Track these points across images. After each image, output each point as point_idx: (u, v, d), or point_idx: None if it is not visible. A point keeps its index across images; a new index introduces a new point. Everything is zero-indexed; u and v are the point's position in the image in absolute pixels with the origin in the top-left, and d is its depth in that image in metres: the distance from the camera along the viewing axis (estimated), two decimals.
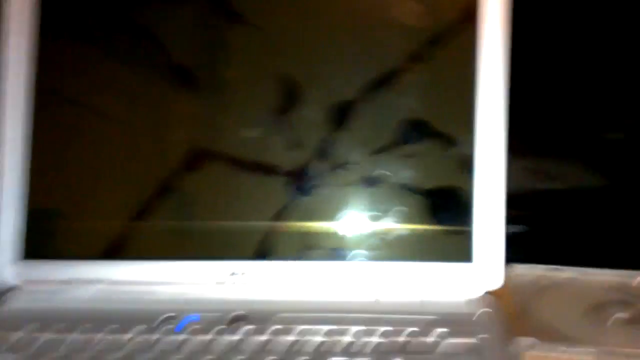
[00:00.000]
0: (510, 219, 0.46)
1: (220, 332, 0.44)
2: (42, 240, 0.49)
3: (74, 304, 0.48)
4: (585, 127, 0.52)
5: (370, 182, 0.48)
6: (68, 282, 0.49)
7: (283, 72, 0.49)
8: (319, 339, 0.44)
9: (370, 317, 0.45)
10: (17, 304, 0.48)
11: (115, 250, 0.49)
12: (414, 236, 0.47)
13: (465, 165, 0.47)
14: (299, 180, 0.48)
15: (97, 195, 0.49)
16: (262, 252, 0.48)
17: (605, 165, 0.51)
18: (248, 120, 0.49)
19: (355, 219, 0.48)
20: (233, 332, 0.44)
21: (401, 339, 0.43)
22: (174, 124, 0.50)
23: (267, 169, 0.49)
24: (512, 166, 0.46)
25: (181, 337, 0.44)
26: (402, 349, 0.42)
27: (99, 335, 0.44)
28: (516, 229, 0.47)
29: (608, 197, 0.51)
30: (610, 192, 0.51)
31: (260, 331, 0.44)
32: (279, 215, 0.48)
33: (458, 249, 0.47)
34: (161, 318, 0.46)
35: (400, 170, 0.48)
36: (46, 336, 0.45)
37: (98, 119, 0.49)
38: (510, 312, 0.45)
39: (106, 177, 0.49)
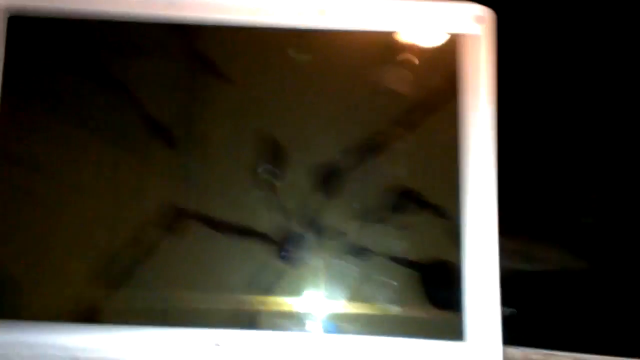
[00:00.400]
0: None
1: None
2: (8, 302, 0.46)
3: None
4: (563, 210, 0.52)
5: (357, 253, 0.46)
6: (35, 346, 0.45)
7: (266, 133, 0.47)
8: None
9: None
10: None
11: (88, 316, 0.46)
12: (405, 311, 0.46)
13: (456, 238, 0.46)
14: (282, 248, 0.47)
15: (69, 258, 0.47)
16: (245, 322, 0.46)
17: (583, 249, 0.51)
18: (229, 181, 0.47)
19: (342, 291, 0.46)
20: None
21: None
22: (150, 183, 0.47)
23: (249, 234, 0.47)
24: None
25: None
26: None
27: None
28: (504, 311, 0.45)
29: (588, 280, 0.50)
30: (590, 275, 0.50)
31: None
32: (262, 284, 0.46)
33: (451, 326, 0.45)
34: None
35: (388, 242, 0.47)
36: None
37: (72, 177, 0.47)
38: None
39: (79, 238, 0.47)
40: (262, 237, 0.47)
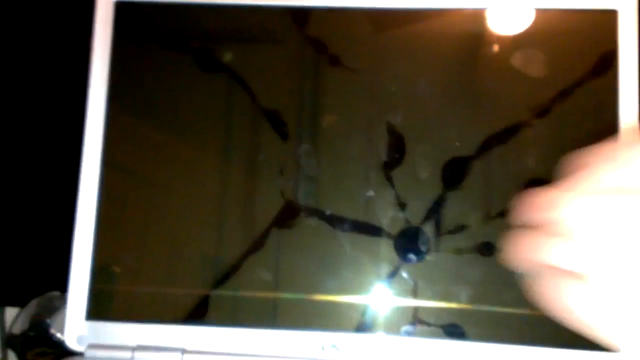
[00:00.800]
0: None
1: None
2: (114, 302, 0.45)
3: None
4: None
5: (487, 250, 0.42)
6: (139, 348, 0.43)
7: (387, 123, 0.44)
8: None
9: None
10: None
11: (196, 315, 0.44)
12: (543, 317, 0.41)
13: None
14: (405, 245, 0.43)
15: (179, 255, 0.44)
16: (363, 324, 0.42)
17: None
18: (347, 174, 0.44)
19: (470, 293, 0.42)
20: None
21: None
22: (264, 176, 0.45)
23: (368, 230, 0.43)
24: None
25: None
26: None
27: None
28: None
29: None
30: None
31: None
32: (382, 283, 0.43)
33: None
34: None
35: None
36: None
37: (182, 171, 0.45)
38: None
39: (190, 233, 0.45)
40: (379, 231, 0.43)
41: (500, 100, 0.44)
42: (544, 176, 0.43)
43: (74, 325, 0.44)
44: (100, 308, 0.44)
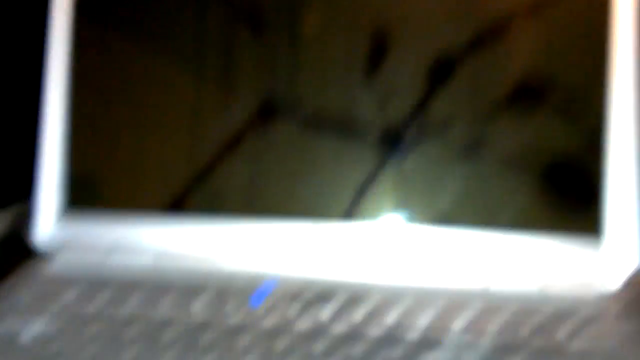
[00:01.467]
0: None
1: (304, 308, 0.37)
2: (92, 191, 0.43)
3: (125, 267, 0.42)
4: None
5: (475, 148, 0.41)
6: (114, 249, 0.42)
7: (371, 18, 0.42)
8: (423, 322, 0.36)
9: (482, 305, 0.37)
10: (60, 264, 0.42)
11: (178, 204, 0.42)
12: (528, 208, 0.40)
13: (593, 134, 0.40)
14: (389, 143, 0.41)
15: (157, 147, 0.43)
16: (344, 214, 0.41)
17: None
18: (330, 72, 0.42)
19: (456, 188, 0.41)
20: (319, 308, 0.37)
21: (521, 334, 0.35)
22: (243, 74, 0.43)
23: (352, 128, 0.42)
24: None
25: (256, 312, 0.37)
26: (522, 346, 0.34)
27: (156, 308, 0.38)
28: None
29: None
30: None
31: (349, 309, 0.37)
32: (357, 180, 0.41)
33: (585, 223, 0.39)
34: (232, 288, 0.39)
35: (510, 137, 0.41)
36: (93, 306, 0.38)
37: (160, 64, 0.43)
38: None
39: (166, 128, 0.43)
40: (360, 132, 0.42)
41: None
42: (531, 78, 0.41)
43: (43, 225, 0.43)
44: (72, 207, 0.43)
